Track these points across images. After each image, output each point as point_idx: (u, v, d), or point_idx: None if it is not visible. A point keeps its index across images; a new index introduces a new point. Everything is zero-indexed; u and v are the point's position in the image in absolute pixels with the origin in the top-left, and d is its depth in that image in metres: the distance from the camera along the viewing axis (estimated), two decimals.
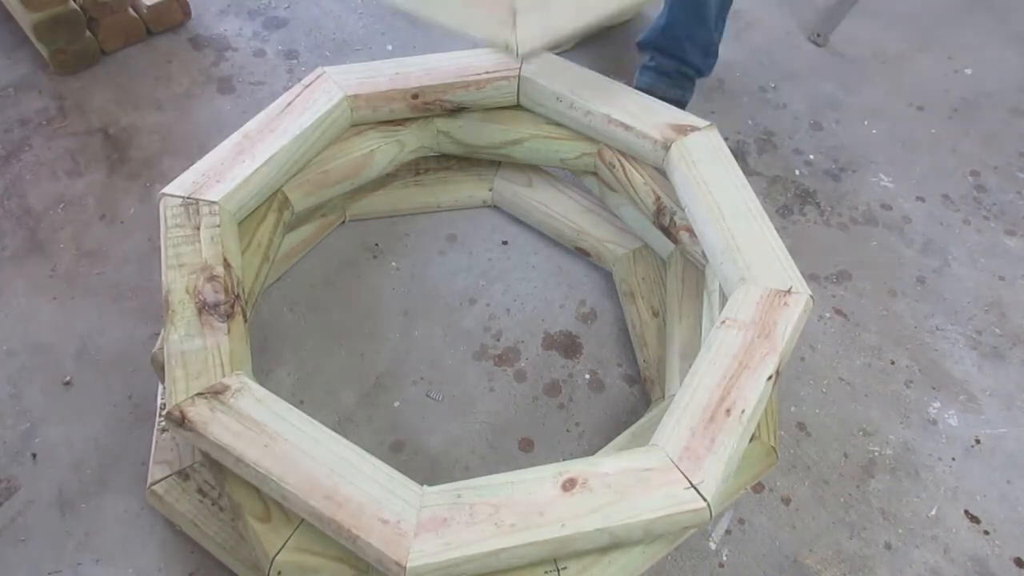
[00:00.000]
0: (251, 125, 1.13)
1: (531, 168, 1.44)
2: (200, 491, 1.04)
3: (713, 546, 1.11)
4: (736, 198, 1.05)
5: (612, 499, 0.83)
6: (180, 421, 0.86)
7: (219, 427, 0.85)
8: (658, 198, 1.21)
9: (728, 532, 1.13)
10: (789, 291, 0.96)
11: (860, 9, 1.88)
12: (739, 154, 1.62)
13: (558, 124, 1.28)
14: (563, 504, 0.82)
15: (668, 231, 1.21)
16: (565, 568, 0.88)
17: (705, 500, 0.88)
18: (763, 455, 1.02)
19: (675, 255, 1.26)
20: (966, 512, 1.17)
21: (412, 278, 1.39)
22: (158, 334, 1.12)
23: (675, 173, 1.11)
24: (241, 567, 1.00)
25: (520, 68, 1.21)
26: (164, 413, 1.09)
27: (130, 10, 1.71)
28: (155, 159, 1.53)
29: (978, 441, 1.25)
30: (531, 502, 0.82)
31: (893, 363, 1.34)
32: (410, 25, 1.84)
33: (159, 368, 1.03)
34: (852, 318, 1.39)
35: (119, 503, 1.10)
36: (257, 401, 0.88)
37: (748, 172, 1.59)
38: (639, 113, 1.16)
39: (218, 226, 1.02)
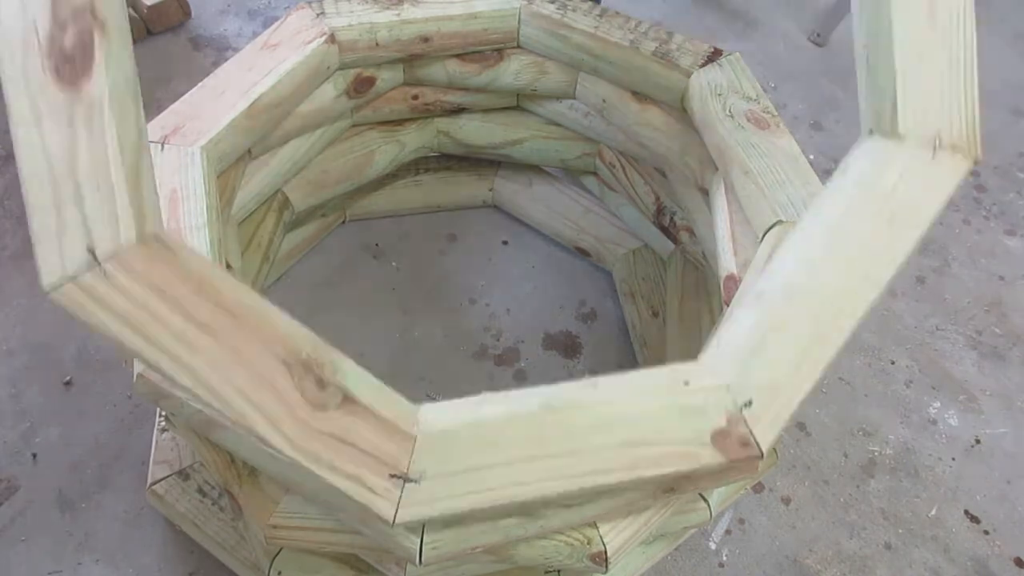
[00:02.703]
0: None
1: (531, 168, 1.44)
2: (200, 491, 1.04)
3: (713, 546, 1.11)
4: None
5: None
6: None
7: None
8: (658, 198, 1.21)
9: (728, 532, 1.13)
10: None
11: None
12: None
13: (558, 124, 1.28)
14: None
15: (668, 231, 1.21)
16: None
17: (705, 500, 0.88)
18: None
19: (675, 255, 1.26)
20: (966, 512, 1.17)
21: (412, 278, 1.39)
22: None
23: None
24: (241, 567, 1.00)
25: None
26: (164, 415, 1.09)
27: (130, 10, 1.71)
28: None
29: (978, 441, 1.25)
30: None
31: (893, 363, 1.34)
32: None
33: None
34: None
35: (119, 503, 1.10)
36: None
37: None
38: None
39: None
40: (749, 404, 0.61)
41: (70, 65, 0.51)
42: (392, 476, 0.59)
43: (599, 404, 0.63)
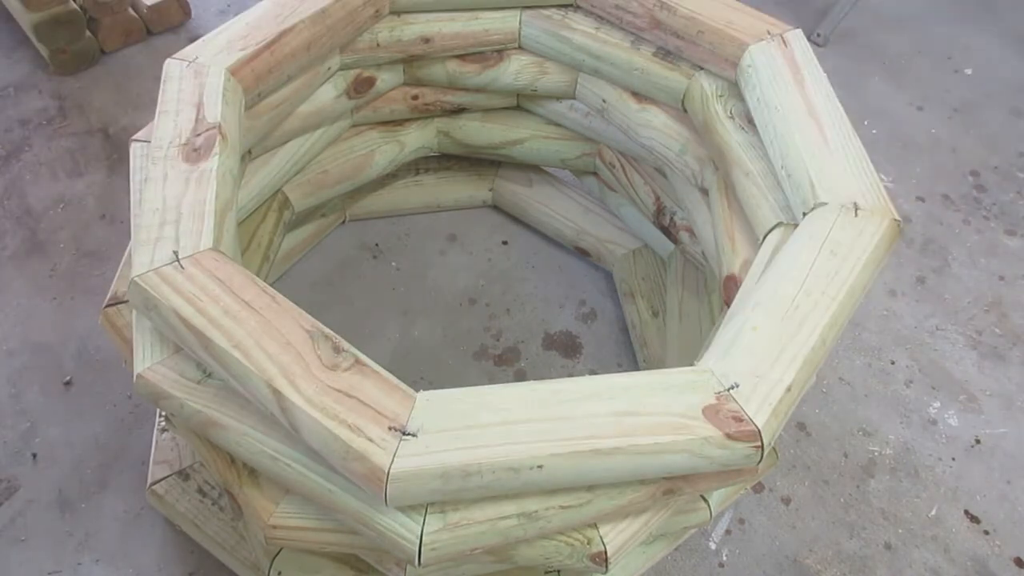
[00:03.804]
0: None
1: (531, 168, 1.44)
2: (200, 491, 1.04)
3: (713, 546, 1.11)
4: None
5: None
6: None
7: None
8: (658, 198, 1.21)
9: (728, 532, 1.13)
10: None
11: (860, 9, 1.88)
12: None
13: (558, 124, 1.28)
14: None
15: (668, 231, 1.21)
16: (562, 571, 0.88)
17: (705, 500, 0.88)
18: None
19: (675, 255, 1.26)
20: (966, 512, 1.17)
21: (412, 278, 1.39)
22: None
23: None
24: (241, 567, 1.00)
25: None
26: (164, 415, 1.09)
27: (130, 10, 1.71)
28: None
29: (978, 441, 1.25)
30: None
31: (893, 363, 1.34)
32: None
33: None
34: (852, 318, 1.39)
35: (119, 503, 1.10)
36: None
37: None
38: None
39: None
40: (736, 386, 0.67)
41: (196, 153, 0.79)
42: (391, 428, 0.63)
43: (592, 382, 0.69)
